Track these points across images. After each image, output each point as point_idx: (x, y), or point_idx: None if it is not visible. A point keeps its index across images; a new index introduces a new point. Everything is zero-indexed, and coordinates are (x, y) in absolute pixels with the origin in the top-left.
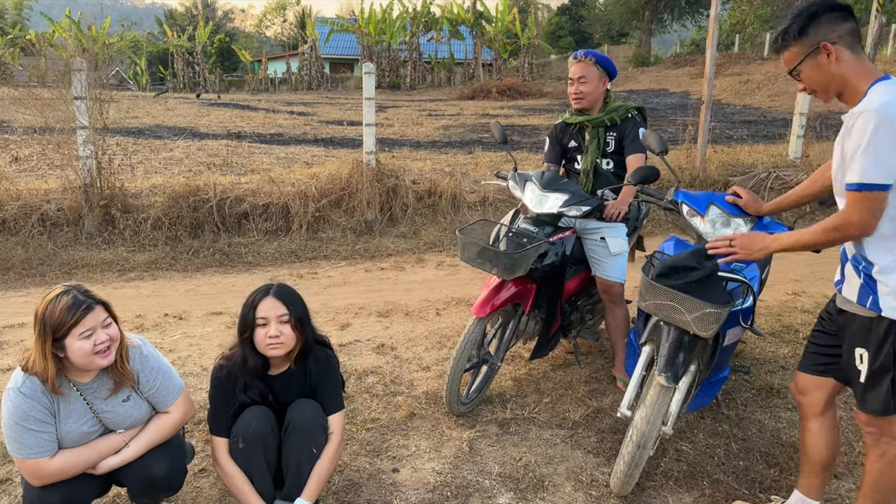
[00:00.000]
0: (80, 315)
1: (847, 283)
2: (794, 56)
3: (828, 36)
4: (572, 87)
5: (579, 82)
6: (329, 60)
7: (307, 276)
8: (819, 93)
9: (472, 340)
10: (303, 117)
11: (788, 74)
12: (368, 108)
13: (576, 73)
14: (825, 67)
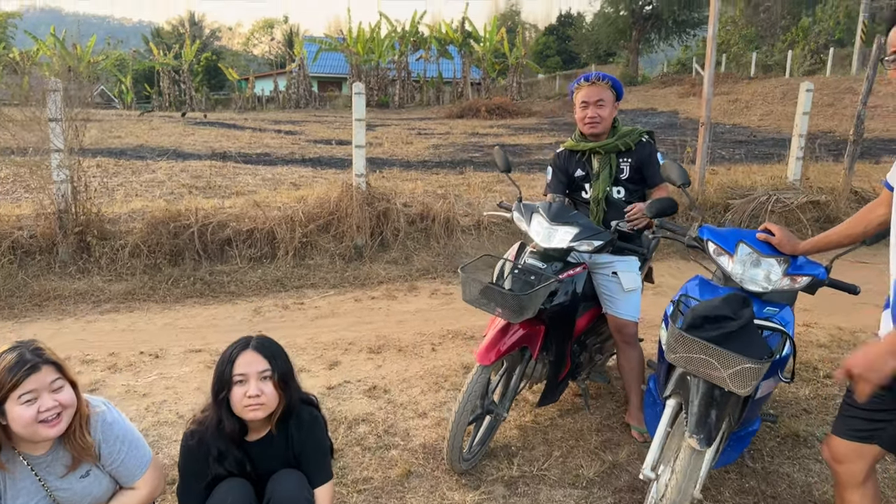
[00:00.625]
0: (21, 376)
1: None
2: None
3: None
4: (586, 111)
5: (596, 106)
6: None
7: (293, 306)
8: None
9: (476, 391)
10: (290, 136)
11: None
12: (359, 128)
13: (591, 97)
14: None
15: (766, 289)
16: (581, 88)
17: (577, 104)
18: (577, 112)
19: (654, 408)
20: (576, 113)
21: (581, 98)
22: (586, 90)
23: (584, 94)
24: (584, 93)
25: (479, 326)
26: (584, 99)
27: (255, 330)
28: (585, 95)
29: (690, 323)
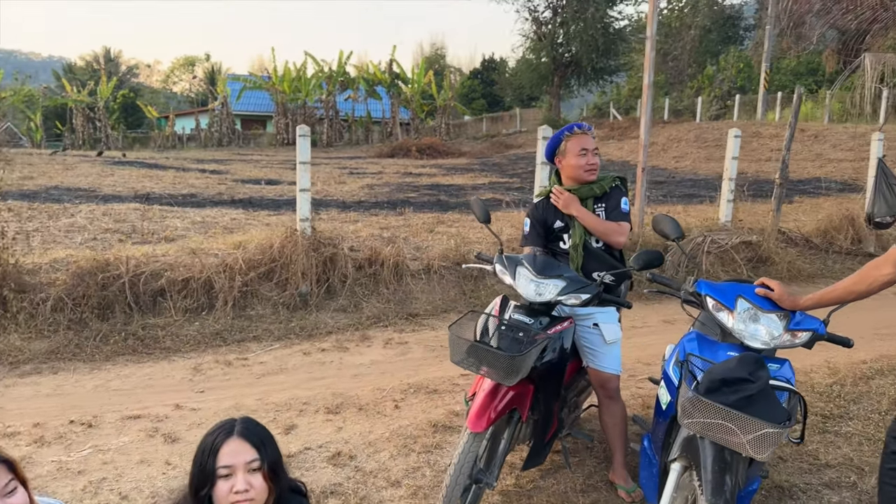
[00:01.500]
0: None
1: None
2: None
3: None
4: (585, 160)
5: (593, 154)
6: (241, 117)
7: (236, 362)
8: None
9: (468, 461)
10: (216, 176)
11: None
12: (303, 171)
13: (590, 145)
14: None
15: (769, 345)
16: (575, 136)
17: (574, 152)
18: (572, 160)
19: (650, 469)
20: (566, 161)
21: (580, 146)
22: (582, 138)
23: (582, 143)
24: (581, 141)
25: (442, 379)
26: (583, 147)
27: (196, 390)
28: (584, 143)
29: (708, 387)
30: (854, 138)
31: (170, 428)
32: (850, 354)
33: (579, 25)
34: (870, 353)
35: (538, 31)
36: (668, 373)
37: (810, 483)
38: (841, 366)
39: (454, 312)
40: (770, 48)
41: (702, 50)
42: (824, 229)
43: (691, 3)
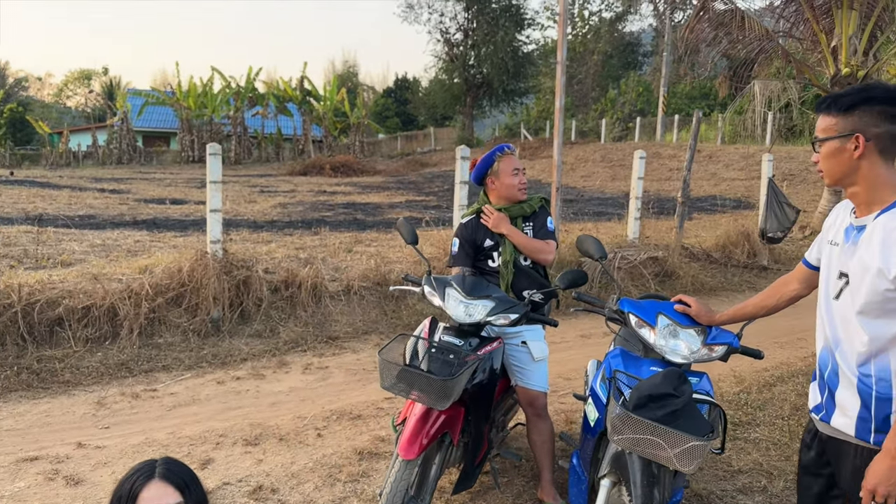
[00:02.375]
0: None
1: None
2: (829, 129)
3: (866, 129)
4: (517, 179)
5: (522, 173)
6: (142, 133)
7: (144, 394)
8: (826, 174)
9: (400, 490)
10: (116, 195)
11: (813, 138)
12: (214, 191)
13: (520, 165)
14: (846, 158)
15: (688, 359)
16: (507, 157)
17: (507, 172)
18: (507, 179)
19: (579, 486)
20: (500, 181)
21: (512, 166)
22: (513, 159)
23: (513, 163)
24: (512, 161)
25: (365, 403)
26: (515, 167)
27: (100, 426)
28: (515, 163)
29: (637, 403)
30: (745, 158)
31: (72, 469)
32: (754, 363)
33: (490, 48)
34: (771, 362)
35: (450, 52)
36: (595, 389)
37: (726, 490)
38: (746, 375)
39: (375, 334)
40: (667, 74)
41: (604, 74)
42: (722, 244)
43: (594, 29)
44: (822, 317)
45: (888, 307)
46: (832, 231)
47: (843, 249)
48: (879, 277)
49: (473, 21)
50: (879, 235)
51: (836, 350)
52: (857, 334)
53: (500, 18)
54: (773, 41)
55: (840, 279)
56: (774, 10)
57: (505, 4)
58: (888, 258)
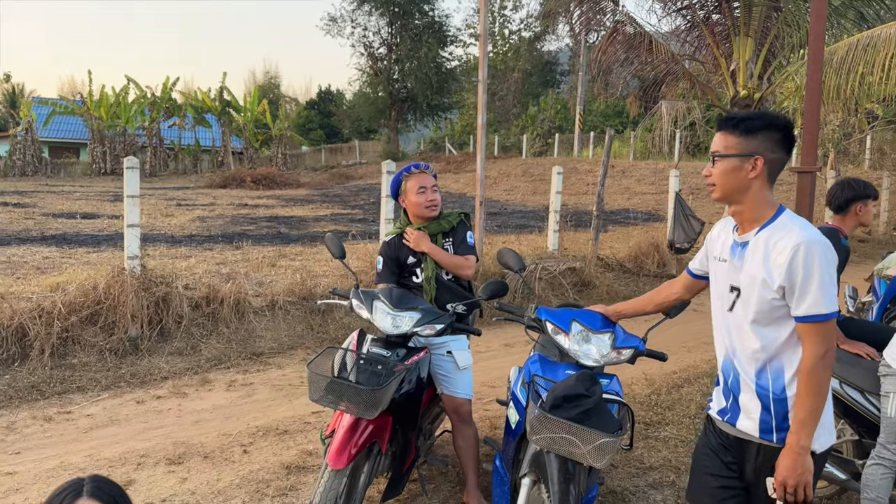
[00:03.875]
0: None
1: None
2: (730, 147)
3: (765, 153)
4: (424, 197)
5: (432, 191)
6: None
7: (58, 416)
8: (718, 189)
9: (330, 499)
10: (21, 209)
11: (712, 153)
12: (131, 206)
13: (428, 182)
14: (741, 176)
15: (599, 362)
16: (413, 176)
17: (413, 191)
18: (413, 198)
19: (502, 487)
20: (409, 199)
21: (418, 184)
22: (420, 177)
23: (420, 181)
24: (419, 179)
25: (292, 419)
26: (421, 185)
27: (10, 451)
28: (422, 181)
29: (552, 404)
30: (655, 173)
31: None
32: (664, 366)
33: (413, 63)
34: (679, 365)
35: (374, 66)
36: (515, 394)
37: (638, 485)
38: (656, 377)
39: (301, 349)
40: (583, 93)
41: (525, 91)
42: (635, 255)
43: (514, 48)
44: (719, 329)
45: (776, 315)
46: (717, 248)
47: (731, 265)
48: (765, 288)
49: (397, 36)
50: (762, 250)
51: (734, 359)
52: (751, 342)
53: (424, 35)
54: (678, 63)
55: (732, 293)
56: (680, 35)
57: (428, 21)
58: (771, 270)
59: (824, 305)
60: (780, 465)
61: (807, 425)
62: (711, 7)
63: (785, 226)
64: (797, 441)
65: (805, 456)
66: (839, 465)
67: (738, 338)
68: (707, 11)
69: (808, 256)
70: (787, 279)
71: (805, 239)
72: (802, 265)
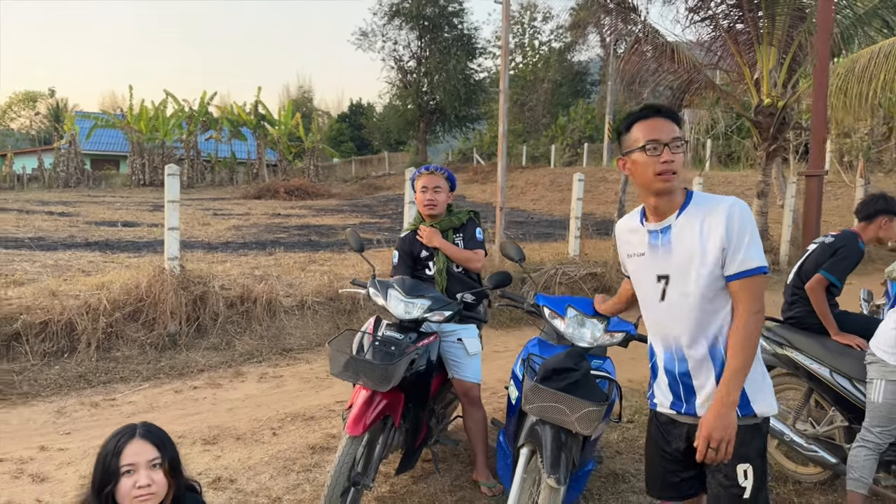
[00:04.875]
0: None
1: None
2: (677, 134)
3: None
4: (425, 195)
5: (433, 191)
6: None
7: (104, 403)
8: (677, 178)
9: (347, 462)
10: (65, 218)
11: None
12: (171, 210)
13: (430, 183)
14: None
15: (592, 344)
16: (421, 177)
17: (417, 190)
18: (417, 196)
19: (505, 460)
20: (416, 197)
21: (421, 184)
22: (425, 178)
23: (423, 182)
24: (423, 180)
25: (318, 407)
26: (423, 185)
27: (61, 431)
28: (425, 182)
29: (542, 376)
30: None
31: (36, 469)
32: None
33: (442, 76)
34: None
35: (404, 79)
36: (515, 372)
37: (639, 469)
38: None
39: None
40: (613, 102)
41: (554, 102)
42: None
43: (544, 58)
44: (653, 323)
45: (715, 287)
46: (630, 246)
47: (653, 255)
48: (702, 263)
49: (426, 49)
50: (693, 228)
51: (679, 347)
52: (697, 322)
53: (452, 47)
54: (701, 73)
55: (659, 282)
56: (703, 44)
57: (457, 34)
58: (706, 241)
59: (755, 260)
60: (704, 421)
61: (736, 380)
62: (735, 17)
63: (705, 200)
64: (726, 394)
65: (731, 411)
66: (831, 450)
67: (680, 324)
68: (731, 21)
69: (741, 216)
70: (727, 240)
71: (732, 202)
72: (738, 224)
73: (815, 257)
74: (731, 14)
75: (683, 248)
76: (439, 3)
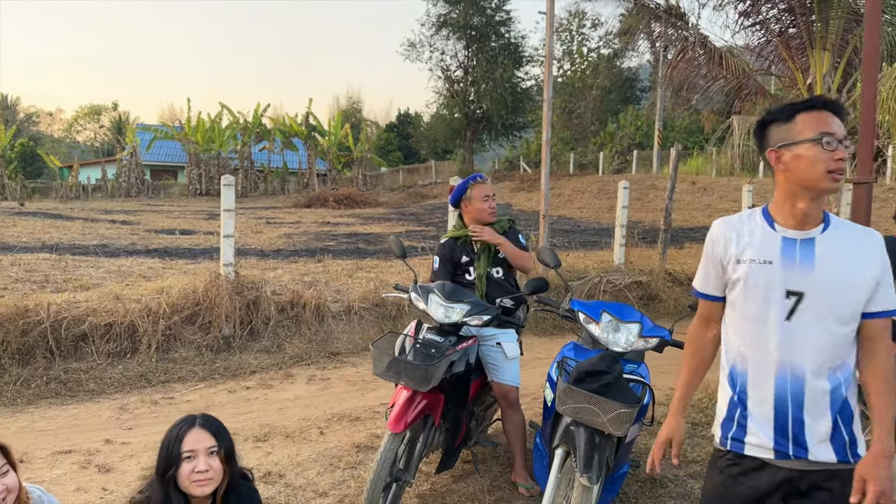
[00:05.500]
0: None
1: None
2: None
3: None
4: (487, 204)
5: (492, 199)
6: (150, 167)
7: (162, 401)
8: (843, 176)
9: (389, 458)
10: (127, 226)
11: (846, 138)
12: (227, 219)
13: (490, 192)
14: None
15: (626, 349)
16: (479, 185)
17: (478, 198)
18: (478, 204)
19: (542, 461)
20: (472, 205)
21: (483, 193)
22: (484, 187)
23: (485, 190)
24: (484, 189)
25: (364, 408)
26: (486, 193)
27: (124, 427)
28: (487, 191)
29: (576, 377)
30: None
31: (102, 460)
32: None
33: (489, 84)
34: None
35: (451, 88)
36: (550, 375)
37: (678, 475)
38: (709, 382)
39: None
40: (662, 108)
41: (603, 109)
42: None
43: (592, 65)
44: (765, 344)
45: (854, 318)
46: (749, 250)
47: (787, 266)
48: (854, 286)
49: (473, 59)
50: (845, 246)
51: (797, 375)
52: (825, 349)
53: (499, 56)
54: (751, 79)
55: (789, 298)
56: (754, 50)
57: (504, 43)
58: (865, 266)
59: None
60: (873, 475)
61: (891, 427)
62: (787, 21)
63: (845, 223)
64: (886, 445)
65: (888, 460)
66: None
67: (806, 349)
68: (783, 26)
69: (890, 251)
70: (882, 274)
71: (878, 233)
72: (889, 259)
73: None
74: (782, 18)
75: (830, 267)
76: (486, 12)
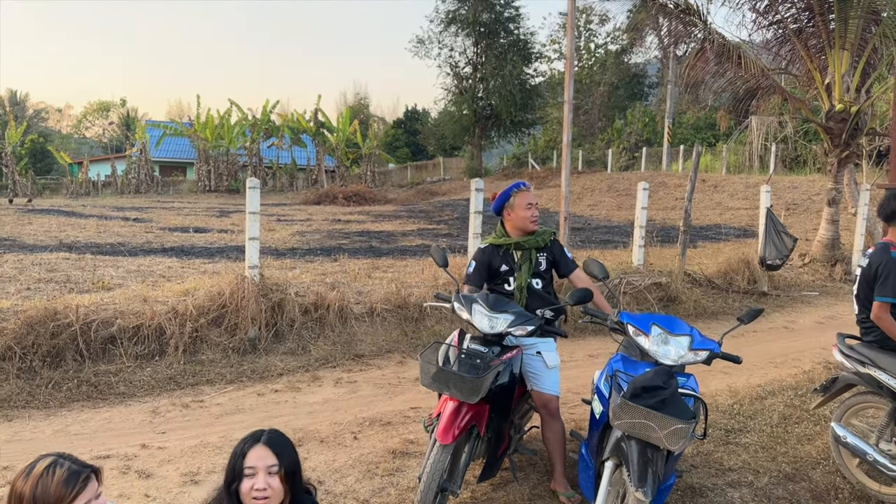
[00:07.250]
0: (80, 487)
1: None
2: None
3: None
4: (530, 212)
5: (536, 207)
6: (159, 163)
7: (193, 404)
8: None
9: (438, 470)
10: (140, 224)
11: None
12: (252, 221)
13: (534, 200)
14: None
15: (677, 362)
16: (522, 193)
17: (521, 206)
18: (521, 212)
19: (587, 472)
20: (515, 213)
21: (527, 201)
22: (527, 195)
23: (528, 198)
24: (527, 197)
25: (394, 412)
26: (529, 201)
27: (158, 431)
28: (530, 199)
29: (632, 393)
30: (748, 188)
31: (141, 465)
32: (748, 379)
33: (498, 81)
34: (764, 378)
35: (459, 85)
36: (599, 388)
37: (716, 484)
38: (740, 388)
39: (398, 352)
40: (672, 105)
41: (611, 105)
42: (724, 271)
43: (600, 61)
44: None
45: None
46: None
47: None
48: None
49: (482, 55)
50: None
51: None
52: None
53: (508, 53)
54: (768, 78)
55: None
56: (771, 49)
57: (513, 39)
58: None
59: None
60: None
61: None
62: (805, 21)
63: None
64: None
65: None
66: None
67: None
68: (801, 25)
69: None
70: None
71: None
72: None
73: (864, 286)
74: (800, 18)
75: None
76: (495, 9)
